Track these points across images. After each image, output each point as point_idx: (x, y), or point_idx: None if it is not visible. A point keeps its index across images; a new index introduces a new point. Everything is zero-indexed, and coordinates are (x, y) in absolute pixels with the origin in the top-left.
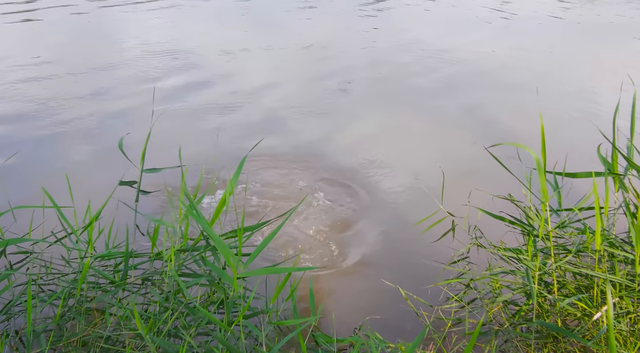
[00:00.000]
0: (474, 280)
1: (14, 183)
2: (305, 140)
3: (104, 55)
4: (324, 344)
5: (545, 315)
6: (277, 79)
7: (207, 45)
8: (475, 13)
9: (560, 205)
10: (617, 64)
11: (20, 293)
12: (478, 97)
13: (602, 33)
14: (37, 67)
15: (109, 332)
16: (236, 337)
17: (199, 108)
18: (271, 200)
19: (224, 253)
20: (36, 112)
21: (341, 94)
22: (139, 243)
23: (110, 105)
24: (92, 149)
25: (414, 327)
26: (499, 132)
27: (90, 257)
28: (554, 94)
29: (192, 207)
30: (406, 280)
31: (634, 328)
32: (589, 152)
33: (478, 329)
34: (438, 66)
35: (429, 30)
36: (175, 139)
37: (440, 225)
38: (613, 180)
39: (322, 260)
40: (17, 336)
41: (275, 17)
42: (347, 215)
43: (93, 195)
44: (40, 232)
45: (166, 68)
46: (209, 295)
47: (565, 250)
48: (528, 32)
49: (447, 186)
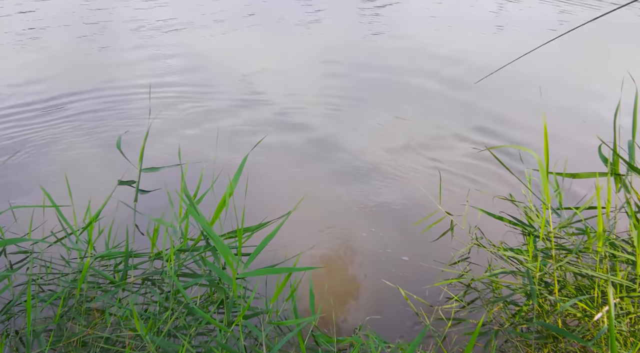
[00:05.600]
0: (474, 281)
1: (14, 183)
2: (306, 139)
3: (104, 55)
4: (324, 344)
5: (546, 315)
6: (278, 79)
7: (208, 45)
8: (476, 13)
9: (561, 205)
10: (618, 63)
11: (20, 293)
12: (478, 97)
13: (603, 33)
14: (37, 67)
15: (108, 333)
16: (236, 337)
17: (200, 107)
18: (271, 200)
19: (223, 253)
20: (36, 112)
21: (342, 93)
22: (138, 243)
23: (110, 105)
24: (92, 148)
25: (414, 327)
26: (499, 131)
27: (90, 257)
28: (554, 94)
29: (192, 206)
30: (406, 280)
31: (634, 329)
32: (590, 152)
33: (478, 329)
34: (438, 66)
35: (430, 30)
36: (175, 138)
37: (441, 225)
38: (614, 180)
39: (322, 260)
40: (17, 336)
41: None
42: (347, 215)
43: (93, 195)
44: (40, 232)
45: (166, 68)
46: (209, 295)
47: (565, 250)
48: (528, 33)
49: (447, 186)
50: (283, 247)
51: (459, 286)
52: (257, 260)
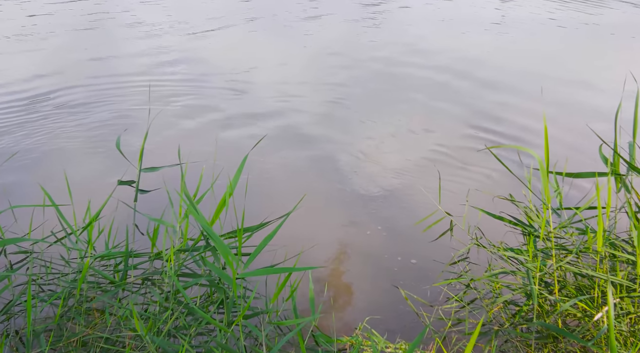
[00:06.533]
0: (474, 280)
1: (14, 183)
2: (306, 139)
3: (104, 55)
4: (324, 344)
5: (546, 315)
6: (279, 79)
7: (207, 45)
8: (476, 13)
9: (561, 205)
10: (618, 63)
11: (20, 293)
12: (478, 97)
13: (603, 33)
14: (37, 65)
15: (108, 333)
16: (236, 337)
17: (199, 108)
18: (271, 200)
19: (223, 253)
20: (36, 111)
21: (342, 93)
22: (138, 243)
23: (110, 105)
24: (93, 148)
25: (414, 327)
26: (500, 132)
27: (90, 257)
28: (555, 93)
29: (192, 206)
30: (406, 280)
31: (634, 329)
32: (591, 151)
33: (478, 329)
34: (438, 67)
35: (430, 31)
36: (174, 138)
37: (441, 225)
38: (615, 180)
39: (322, 260)
40: (17, 336)
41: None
42: (348, 215)
43: (93, 195)
44: (40, 232)
45: (166, 67)
46: (209, 295)
47: (565, 250)
48: (528, 33)
49: (446, 186)
50: (283, 247)
51: (459, 286)
52: (257, 260)
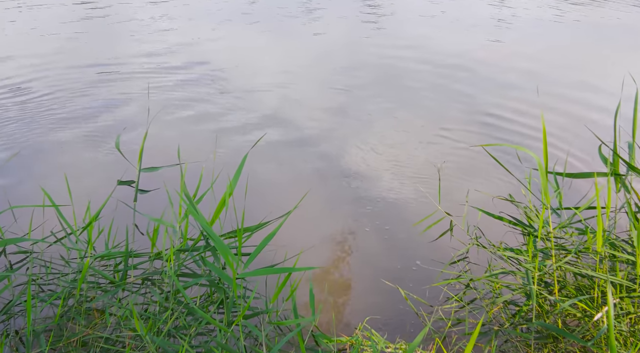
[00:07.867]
0: (474, 280)
1: (14, 183)
2: (306, 138)
3: (104, 54)
4: (324, 344)
5: (546, 315)
6: (280, 79)
7: (209, 45)
8: (476, 13)
9: (561, 205)
10: (618, 63)
11: (20, 293)
12: (478, 98)
13: (604, 33)
14: (36, 65)
15: (108, 333)
16: (236, 337)
17: (199, 108)
18: (271, 200)
19: (223, 253)
20: (36, 111)
21: (343, 93)
22: (138, 243)
23: (110, 104)
24: (93, 148)
25: (414, 327)
26: (500, 131)
27: (90, 257)
28: (555, 93)
29: (192, 206)
30: (406, 280)
31: (634, 329)
32: (591, 151)
33: (478, 329)
34: (437, 66)
35: (432, 31)
36: (174, 138)
37: (441, 225)
38: (614, 180)
39: (322, 260)
40: (17, 336)
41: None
42: (348, 215)
43: (93, 195)
44: (40, 232)
45: (166, 67)
46: (209, 295)
47: (565, 250)
48: (529, 33)
49: (446, 186)
50: (283, 247)
51: (458, 286)
52: (257, 260)
